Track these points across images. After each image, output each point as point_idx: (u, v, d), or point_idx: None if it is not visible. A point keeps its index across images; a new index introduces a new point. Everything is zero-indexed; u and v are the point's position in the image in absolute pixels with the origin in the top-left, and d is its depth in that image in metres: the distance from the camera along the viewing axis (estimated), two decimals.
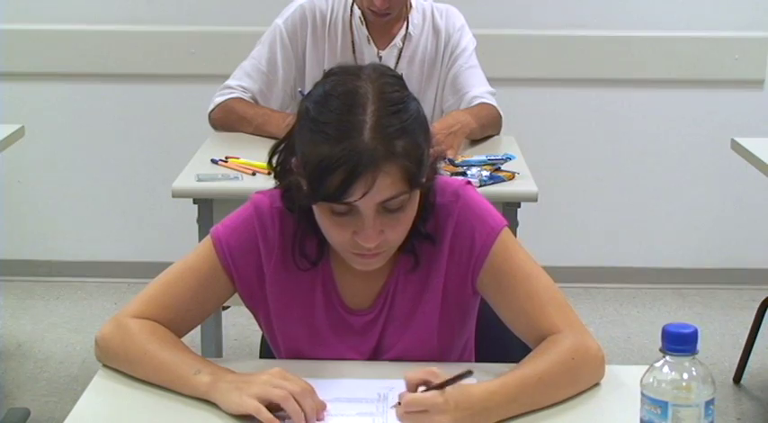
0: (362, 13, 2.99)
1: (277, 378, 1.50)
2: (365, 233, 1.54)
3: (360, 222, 1.54)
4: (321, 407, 1.50)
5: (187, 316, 1.69)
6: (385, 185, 1.50)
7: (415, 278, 1.70)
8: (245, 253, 1.69)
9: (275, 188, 1.71)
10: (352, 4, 3.01)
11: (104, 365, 1.67)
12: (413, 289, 1.70)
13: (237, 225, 1.70)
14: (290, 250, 1.68)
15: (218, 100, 3.08)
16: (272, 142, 1.71)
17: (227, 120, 3.06)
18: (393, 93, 1.55)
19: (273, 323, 1.74)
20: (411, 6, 3.04)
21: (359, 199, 1.50)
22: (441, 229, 1.67)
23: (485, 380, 1.54)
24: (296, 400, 1.47)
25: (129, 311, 1.68)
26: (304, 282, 1.70)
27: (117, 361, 1.65)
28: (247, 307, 1.77)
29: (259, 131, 3.00)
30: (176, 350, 1.61)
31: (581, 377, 1.59)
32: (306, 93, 1.64)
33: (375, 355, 1.73)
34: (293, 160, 1.62)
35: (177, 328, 1.68)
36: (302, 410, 1.46)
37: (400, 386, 1.55)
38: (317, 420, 1.48)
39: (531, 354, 1.61)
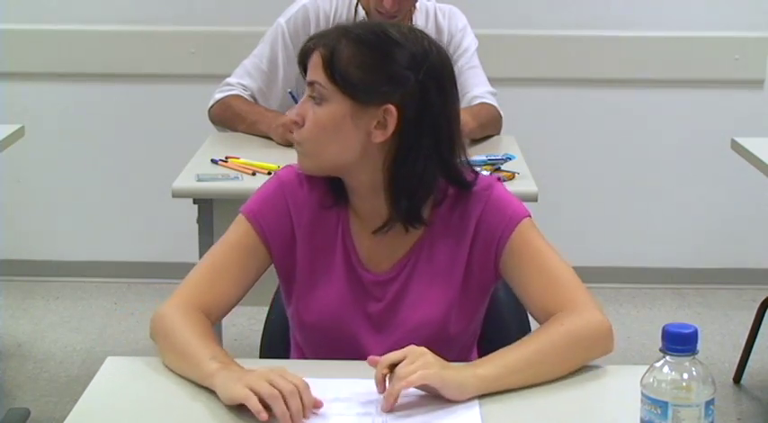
0: (367, 13, 2.98)
1: (274, 375, 1.50)
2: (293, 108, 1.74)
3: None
4: (310, 405, 1.50)
5: (232, 292, 1.76)
6: (314, 64, 1.70)
7: (441, 253, 1.77)
8: (277, 220, 1.77)
9: None
10: (357, 5, 3.00)
11: (106, 364, 1.68)
12: (437, 263, 1.77)
13: (266, 197, 1.79)
14: (323, 203, 1.77)
15: (218, 96, 3.09)
16: (271, 142, 1.74)
17: (223, 116, 3.07)
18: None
19: (295, 288, 1.79)
20: (415, 8, 3.04)
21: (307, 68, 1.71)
22: (469, 212, 1.76)
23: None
24: (285, 398, 1.47)
25: (180, 294, 1.73)
26: (327, 243, 1.78)
27: (157, 342, 1.70)
28: (280, 277, 1.83)
29: (251, 129, 3.01)
30: (203, 337, 1.64)
31: (584, 350, 1.63)
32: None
33: (387, 320, 1.77)
34: None
35: (224, 305, 1.75)
36: (289, 411, 1.47)
37: None
38: (306, 418, 1.48)
39: (537, 329, 1.68)
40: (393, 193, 1.71)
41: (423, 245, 1.77)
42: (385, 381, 1.52)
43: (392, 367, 1.52)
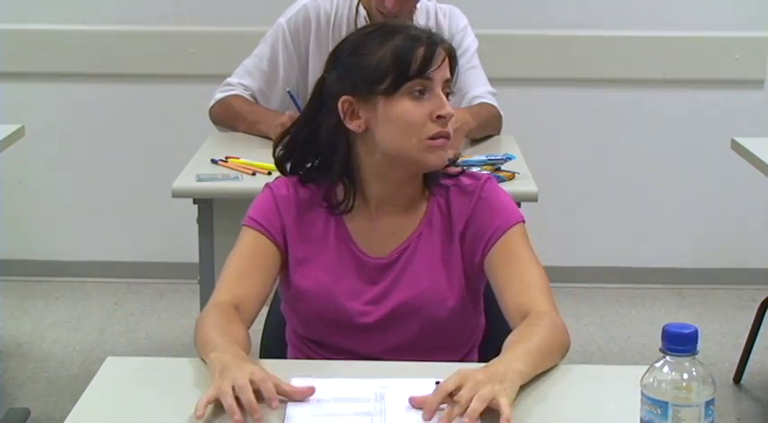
0: (368, 13, 2.97)
1: (243, 381, 1.48)
2: (442, 102, 1.75)
3: (435, 99, 1.76)
4: (271, 395, 1.48)
5: (259, 286, 1.81)
6: (446, 64, 1.78)
7: (437, 241, 1.83)
8: (273, 216, 1.84)
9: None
10: (358, 4, 3.00)
11: (105, 364, 1.68)
12: (434, 251, 1.83)
13: (258, 204, 1.86)
14: (310, 205, 1.85)
15: (219, 96, 3.09)
16: (271, 142, 1.73)
17: (224, 116, 3.08)
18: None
19: (292, 277, 1.84)
20: (416, 8, 3.03)
21: (437, 68, 1.75)
22: (460, 204, 1.84)
23: None
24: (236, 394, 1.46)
25: (212, 300, 1.79)
26: (319, 232, 1.84)
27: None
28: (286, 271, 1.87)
29: (251, 129, 3.01)
30: (222, 333, 1.66)
31: (561, 350, 1.69)
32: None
33: (384, 300, 1.82)
34: (342, 104, 1.77)
35: (255, 298, 1.79)
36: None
37: (397, 385, 1.55)
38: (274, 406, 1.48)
39: (520, 329, 1.70)
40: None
41: (421, 232, 1.84)
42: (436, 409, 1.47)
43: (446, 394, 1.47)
